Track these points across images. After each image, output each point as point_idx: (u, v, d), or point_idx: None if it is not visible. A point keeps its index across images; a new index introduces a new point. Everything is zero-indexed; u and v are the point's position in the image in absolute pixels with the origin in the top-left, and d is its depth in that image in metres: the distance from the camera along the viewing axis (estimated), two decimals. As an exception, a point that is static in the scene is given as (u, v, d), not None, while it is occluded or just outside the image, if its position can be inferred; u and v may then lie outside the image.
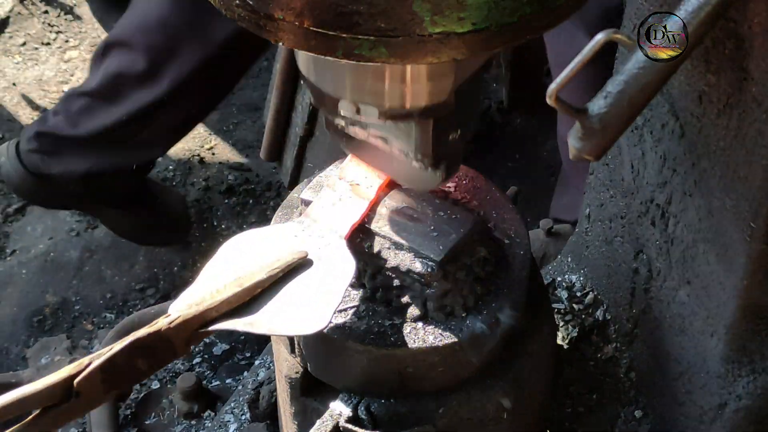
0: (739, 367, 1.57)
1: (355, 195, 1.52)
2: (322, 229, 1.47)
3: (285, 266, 1.38)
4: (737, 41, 1.30)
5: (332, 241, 1.45)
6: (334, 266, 1.40)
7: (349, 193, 1.52)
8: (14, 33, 3.51)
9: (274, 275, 1.36)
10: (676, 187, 1.58)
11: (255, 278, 1.35)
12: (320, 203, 1.51)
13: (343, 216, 1.49)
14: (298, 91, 2.83)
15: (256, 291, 1.34)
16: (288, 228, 1.48)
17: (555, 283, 1.96)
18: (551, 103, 1.12)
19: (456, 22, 1.12)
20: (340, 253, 1.42)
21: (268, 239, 1.46)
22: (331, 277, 1.38)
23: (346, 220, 1.48)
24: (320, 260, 1.41)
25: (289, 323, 1.33)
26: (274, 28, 1.16)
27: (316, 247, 1.43)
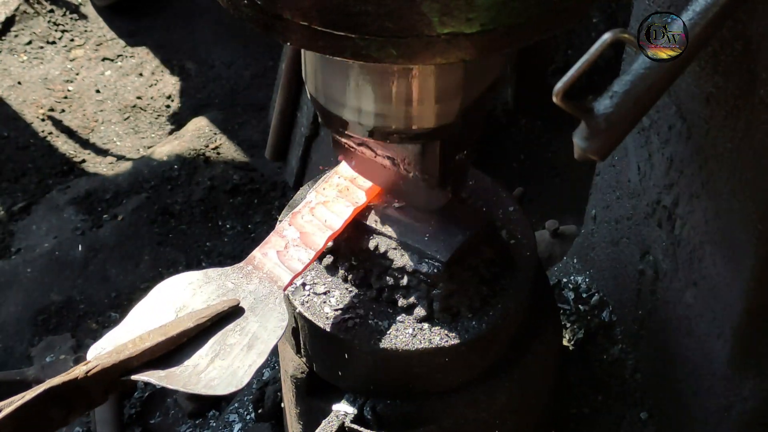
0: (745, 369, 1.57)
1: (303, 242, 1.45)
2: (263, 278, 1.40)
3: (213, 315, 1.32)
4: (745, 43, 1.30)
5: (270, 293, 1.38)
6: (267, 321, 1.33)
7: (297, 241, 1.45)
8: (20, 32, 3.51)
9: (201, 325, 1.30)
10: (683, 188, 1.57)
11: (181, 327, 1.29)
12: (265, 250, 1.44)
13: (287, 265, 1.42)
14: (303, 90, 2.83)
15: (182, 340, 1.29)
16: (227, 274, 1.41)
17: (561, 284, 1.95)
18: (557, 102, 1.12)
19: (464, 22, 1.12)
20: (275, 308, 1.35)
21: (204, 284, 1.39)
22: (262, 334, 1.31)
23: (290, 269, 1.42)
24: (254, 313, 1.35)
25: (204, 381, 1.26)
26: (282, 28, 1.16)
27: (252, 297, 1.37)
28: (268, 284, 1.39)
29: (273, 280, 1.40)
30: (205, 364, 1.28)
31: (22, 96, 3.32)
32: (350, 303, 1.51)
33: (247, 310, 1.35)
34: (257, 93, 3.31)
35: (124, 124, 3.25)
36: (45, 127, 3.22)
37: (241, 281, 1.40)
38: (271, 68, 3.34)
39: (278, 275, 1.41)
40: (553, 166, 3.00)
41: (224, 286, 1.39)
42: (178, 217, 2.96)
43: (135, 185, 3.03)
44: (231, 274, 1.41)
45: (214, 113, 3.24)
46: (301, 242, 1.45)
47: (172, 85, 3.35)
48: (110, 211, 2.98)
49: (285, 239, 1.46)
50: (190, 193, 3.00)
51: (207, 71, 3.40)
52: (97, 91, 3.34)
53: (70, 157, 3.14)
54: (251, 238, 2.90)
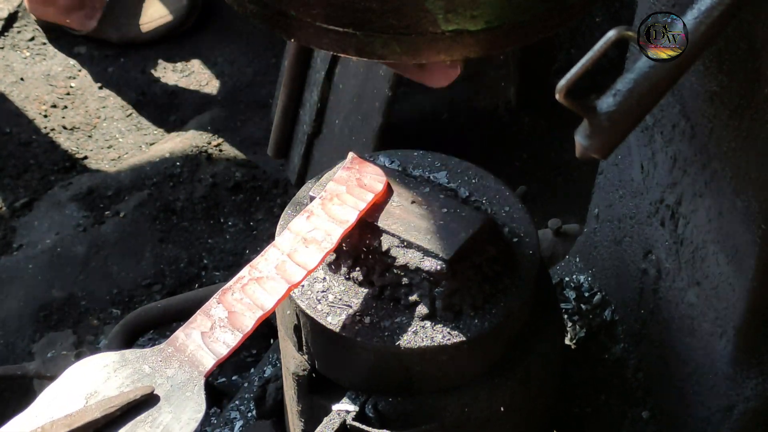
0: (747, 369, 1.57)
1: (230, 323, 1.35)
2: (183, 362, 1.31)
3: (123, 404, 1.24)
4: (750, 42, 1.30)
5: (189, 380, 1.29)
6: (182, 412, 1.26)
7: (224, 321, 1.36)
8: (22, 28, 3.50)
9: (109, 415, 1.23)
10: (687, 188, 1.57)
11: (87, 418, 1.22)
12: (188, 330, 1.35)
13: (211, 349, 1.33)
14: (306, 88, 2.83)
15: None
16: (146, 356, 1.33)
17: (563, 283, 1.96)
18: (560, 99, 1.11)
19: (469, 20, 1.12)
20: (192, 398, 1.27)
21: (120, 368, 1.30)
22: (173, 427, 1.24)
23: (213, 353, 1.33)
24: (169, 402, 1.27)
25: None
26: (287, 25, 1.16)
27: (169, 384, 1.29)
28: (189, 369, 1.31)
29: (194, 365, 1.31)
30: None
31: (24, 92, 3.32)
32: (352, 301, 1.51)
33: (162, 399, 1.27)
34: (260, 90, 3.31)
35: (127, 121, 3.25)
36: (47, 123, 3.23)
37: (160, 365, 1.32)
38: (273, 66, 3.34)
39: (200, 359, 1.32)
40: (556, 165, 3.00)
41: (141, 370, 1.31)
42: (180, 214, 2.96)
43: (137, 182, 3.03)
44: (150, 357, 1.33)
45: (217, 111, 3.24)
46: (229, 323, 1.36)
47: (175, 82, 3.35)
48: (112, 208, 2.98)
49: (211, 319, 1.36)
50: (192, 190, 3.00)
51: (210, 68, 3.39)
52: (100, 87, 3.34)
53: (72, 154, 3.14)
54: (253, 236, 2.90)
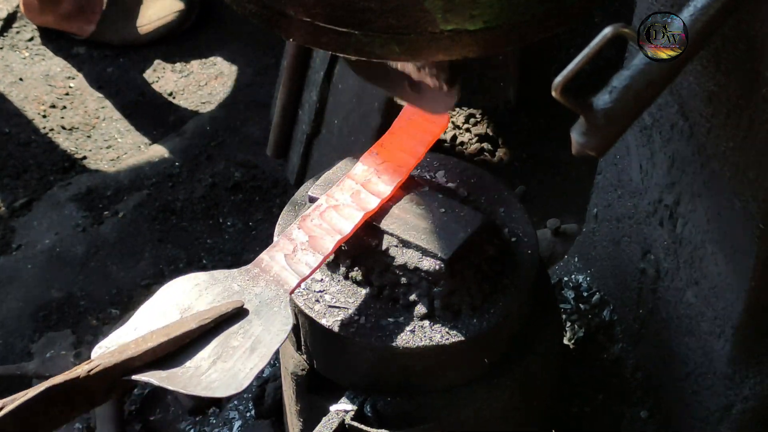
0: (746, 369, 1.57)
1: (311, 246, 1.44)
2: (269, 281, 1.40)
3: (216, 316, 1.32)
4: (748, 42, 1.30)
5: (276, 296, 1.37)
6: (271, 325, 1.33)
7: (305, 244, 1.45)
8: (21, 28, 3.50)
9: (204, 326, 1.30)
10: (685, 187, 1.57)
11: (184, 328, 1.29)
12: (272, 253, 1.44)
13: (295, 269, 1.42)
14: (305, 88, 2.83)
15: (184, 341, 1.29)
16: (233, 276, 1.41)
17: (562, 283, 1.96)
18: (556, 96, 1.11)
19: (468, 19, 1.12)
20: (280, 312, 1.35)
21: (210, 286, 1.38)
22: (265, 337, 1.31)
23: (297, 273, 1.41)
24: (258, 316, 1.34)
25: (205, 383, 1.26)
26: (286, 25, 1.16)
27: (257, 300, 1.36)
28: (275, 287, 1.39)
29: (279, 284, 1.39)
30: (207, 366, 1.27)
31: (23, 92, 3.32)
32: (351, 300, 1.51)
33: (252, 313, 1.34)
34: (259, 91, 3.31)
35: (126, 121, 3.25)
36: (46, 123, 3.23)
37: (248, 284, 1.39)
38: (273, 66, 3.34)
39: (285, 279, 1.40)
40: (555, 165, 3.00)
41: (230, 288, 1.38)
42: (179, 215, 2.96)
43: (136, 182, 3.03)
44: (237, 277, 1.40)
45: (216, 110, 3.24)
46: (310, 246, 1.44)
47: (174, 83, 3.35)
48: (111, 208, 2.98)
49: (293, 243, 1.45)
50: (191, 190, 3.00)
51: (209, 69, 3.40)
52: (99, 88, 3.34)
53: (71, 154, 3.14)
54: (252, 236, 2.90)
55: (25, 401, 1.18)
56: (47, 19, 3.38)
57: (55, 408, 1.21)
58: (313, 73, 2.77)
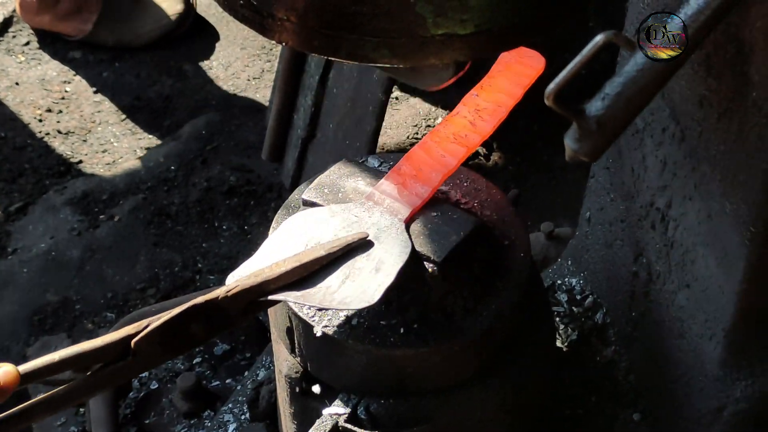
0: (737, 371, 1.58)
1: (419, 179, 1.52)
2: (383, 212, 1.48)
3: (344, 245, 1.40)
4: (738, 45, 1.31)
5: (392, 224, 1.46)
6: (392, 248, 1.41)
7: (415, 178, 1.52)
8: (17, 32, 3.51)
9: (333, 253, 1.38)
10: (677, 190, 1.58)
11: (314, 255, 1.37)
12: (385, 186, 1.52)
13: (406, 200, 1.50)
14: (300, 93, 2.84)
15: (314, 267, 1.37)
16: (350, 208, 1.50)
17: (555, 286, 1.96)
18: (549, 104, 1.12)
19: (458, 23, 1.13)
20: (398, 237, 1.44)
21: (330, 218, 1.48)
22: (388, 259, 1.40)
23: (409, 203, 1.49)
24: (378, 241, 1.43)
25: (340, 299, 1.35)
26: (278, 29, 1.17)
27: (375, 228, 1.45)
28: (389, 217, 1.47)
29: (393, 213, 1.48)
30: (337, 285, 1.35)
31: (19, 96, 3.33)
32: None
33: (372, 238, 1.42)
34: (254, 95, 3.32)
35: (122, 125, 3.26)
36: (42, 127, 3.23)
37: (364, 214, 1.48)
38: (268, 70, 3.35)
39: (398, 209, 1.48)
40: (549, 169, 3.01)
41: (348, 219, 1.47)
42: (175, 218, 2.97)
43: (132, 186, 3.04)
44: (354, 209, 1.49)
45: (212, 115, 3.25)
46: (418, 179, 1.52)
47: (170, 87, 3.36)
48: (107, 212, 2.98)
49: (403, 176, 1.52)
50: (186, 194, 3.00)
51: (204, 73, 3.40)
52: (95, 92, 3.35)
53: (67, 158, 3.15)
54: (247, 239, 2.91)
55: (168, 319, 1.27)
56: (44, 19, 3.38)
57: (196, 326, 1.30)
58: (308, 78, 2.78)
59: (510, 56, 1.60)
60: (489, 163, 3.03)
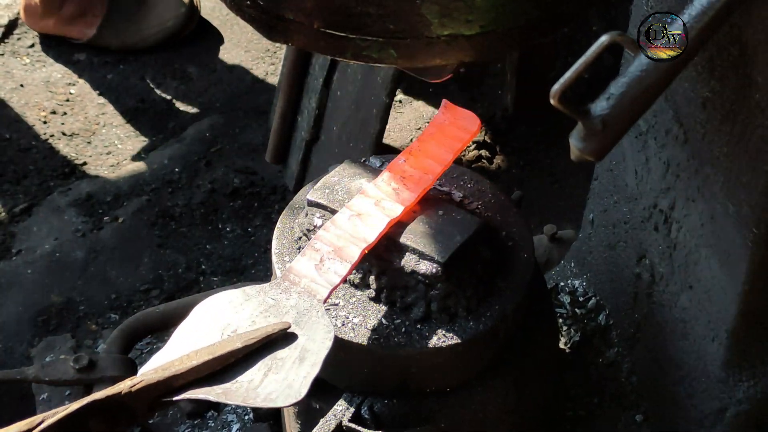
0: (739, 372, 1.58)
1: (338, 255, 1.45)
2: (301, 293, 1.40)
3: (263, 338, 1.31)
4: (741, 48, 1.31)
5: (311, 306, 1.38)
6: (315, 334, 1.33)
7: (332, 254, 1.45)
8: (22, 35, 3.52)
9: (249, 346, 1.30)
10: (680, 192, 1.59)
11: (229, 347, 1.28)
12: (301, 264, 1.45)
13: (325, 279, 1.43)
14: (304, 95, 2.84)
15: (230, 360, 1.28)
16: (265, 290, 1.41)
17: (558, 288, 1.97)
18: (554, 103, 1.13)
19: (464, 24, 1.13)
20: (320, 321, 1.36)
21: (245, 302, 1.39)
22: (311, 346, 1.32)
23: (327, 282, 1.42)
24: (299, 326, 1.35)
25: (264, 395, 1.26)
26: (285, 29, 1.18)
27: (294, 311, 1.37)
28: (308, 298, 1.40)
29: (311, 295, 1.40)
30: (260, 379, 1.28)
31: (24, 98, 3.33)
32: (348, 303, 1.53)
33: (292, 324, 1.35)
34: (258, 97, 3.32)
35: (126, 127, 3.27)
36: (47, 129, 3.24)
37: (281, 296, 1.40)
38: (272, 73, 3.36)
39: (316, 289, 1.41)
40: (552, 172, 3.02)
41: (264, 302, 1.39)
42: (179, 220, 2.97)
43: (136, 188, 3.04)
44: (269, 291, 1.41)
45: (216, 117, 3.25)
46: (336, 255, 1.45)
47: (174, 89, 3.37)
48: (111, 214, 2.99)
49: (319, 252, 1.46)
50: (190, 196, 3.01)
51: (208, 75, 3.41)
52: (99, 94, 3.35)
53: (71, 160, 3.15)
54: (251, 242, 2.91)
55: (65, 416, 1.18)
56: (48, 23, 3.39)
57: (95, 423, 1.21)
58: (312, 80, 2.78)
59: (444, 117, 1.57)
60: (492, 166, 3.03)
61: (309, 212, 1.58)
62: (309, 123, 2.79)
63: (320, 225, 1.55)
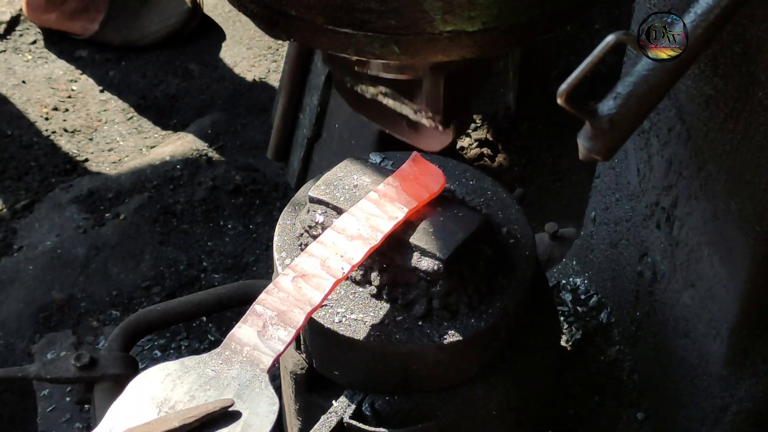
0: (741, 370, 1.58)
1: (281, 320, 1.38)
2: (243, 363, 1.34)
3: (202, 416, 1.25)
4: (745, 46, 1.31)
5: (254, 377, 1.32)
6: (257, 407, 1.28)
7: (275, 319, 1.38)
8: (25, 31, 3.52)
9: (187, 425, 1.24)
10: (682, 190, 1.59)
11: (165, 426, 1.23)
12: (242, 332, 1.38)
13: (268, 345, 1.36)
14: (306, 92, 2.84)
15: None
16: (205, 361, 1.34)
17: (560, 286, 1.97)
18: (561, 104, 1.13)
19: (466, 21, 1.13)
20: (263, 392, 1.30)
21: (183, 374, 1.32)
22: (254, 421, 1.26)
23: (271, 350, 1.36)
24: (241, 399, 1.29)
25: None
26: (287, 25, 1.18)
27: (236, 383, 1.31)
28: (250, 368, 1.33)
29: (254, 364, 1.34)
30: None
31: (26, 95, 3.33)
32: (350, 300, 1.52)
33: (234, 397, 1.30)
34: (260, 94, 3.32)
35: (128, 124, 3.27)
36: (48, 126, 3.24)
37: (222, 367, 1.33)
38: (274, 70, 3.36)
39: (259, 358, 1.34)
40: (554, 170, 3.01)
41: (205, 374, 1.32)
42: (180, 217, 2.97)
43: (137, 185, 3.04)
44: (209, 362, 1.34)
45: (217, 114, 3.25)
46: (280, 321, 1.38)
47: (176, 86, 3.37)
48: (112, 210, 2.99)
49: (262, 318, 1.39)
50: (192, 193, 3.01)
51: (211, 72, 3.41)
52: (101, 91, 3.35)
53: (73, 156, 3.16)
54: (252, 239, 2.91)
55: None
56: (50, 17, 3.38)
57: None
58: (314, 77, 2.78)
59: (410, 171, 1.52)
60: (494, 164, 3.03)
61: (311, 209, 1.58)
62: (311, 120, 2.79)
63: (322, 222, 1.54)
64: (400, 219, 1.48)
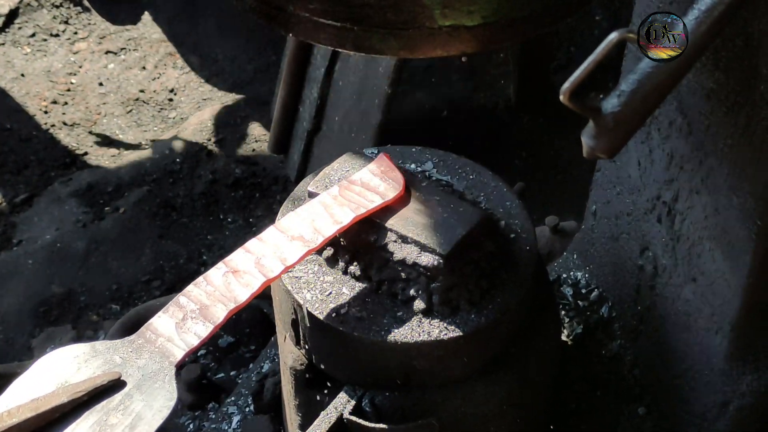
0: (743, 365, 1.58)
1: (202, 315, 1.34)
2: (154, 353, 1.31)
3: (90, 389, 1.23)
4: (746, 40, 1.31)
5: (160, 370, 1.29)
6: (153, 400, 1.25)
7: (196, 312, 1.35)
8: (23, 24, 3.52)
9: (76, 399, 1.22)
10: (683, 184, 1.58)
11: (53, 402, 1.21)
12: (160, 321, 1.35)
13: (182, 339, 1.33)
14: (306, 85, 2.84)
15: (54, 416, 1.20)
16: (116, 347, 1.32)
17: (560, 280, 1.96)
18: (565, 102, 1.12)
19: (466, 15, 1.12)
20: (164, 386, 1.27)
21: (91, 358, 1.29)
22: (146, 413, 1.23)
23: (185, 344, 1.33)
24: (140, 390, 1.26)
25: None
26: (285, 20, 1.17)
27: (140, 373, 1.28)
28: (159, 359, 1.31)
29: (165, 356, 1.31)
30: None
31: (25, 88, 3.33)
32: (350, 295, 1.52)
33: (133, 387, 1.27)
34: (260, 87, 3.32)
35: (127, 117, 3.26)
36: (48, 119, 3.24)
37: (131, 356, 1.31)
38: (274, 63, 3.35)
39: (170, 350, 1.32)
40: (555, 163, 3.01)
41: (112, 361, 1.30)
42: (180, 211, 2.97)
43: (137, 178, 3.04)
44: (120, 348, 1.32)
45: (217, 107, 3.25)
46: (200, 315, 1.35)
47: (175, 79, 3.36)
48: (112, 204, 2.99)
49: (183, 310, 1.36)
50: (191, 186, 3.00)
51: (210, 65, 3.41)
52: (100, 84, 3.35)
53: (72, 150, 3.15)
54: (252, 232, 2.91)
55: None
56: None
57: None
58: (314, 70, 2.77)
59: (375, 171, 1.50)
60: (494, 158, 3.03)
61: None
62: (311, 113, 2.78)
63: None
64: (345, 224, 1.46)
